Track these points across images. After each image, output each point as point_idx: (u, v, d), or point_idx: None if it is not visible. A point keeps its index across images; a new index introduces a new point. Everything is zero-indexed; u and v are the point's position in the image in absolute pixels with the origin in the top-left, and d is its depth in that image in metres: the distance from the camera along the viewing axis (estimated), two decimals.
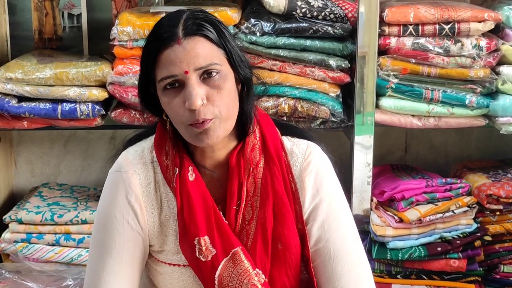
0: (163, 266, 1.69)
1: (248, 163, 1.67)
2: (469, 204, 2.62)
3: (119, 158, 1.71)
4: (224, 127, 1.59)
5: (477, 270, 2.64)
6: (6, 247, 2.67)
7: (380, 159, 2.92)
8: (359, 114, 2.56)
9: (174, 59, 1.54)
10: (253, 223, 1.65)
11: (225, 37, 1.60)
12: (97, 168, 3.12)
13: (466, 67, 2.61)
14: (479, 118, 2.68)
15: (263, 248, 1.64)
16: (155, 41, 1.58)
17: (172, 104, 1.57)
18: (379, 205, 2.63)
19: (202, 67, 1.55)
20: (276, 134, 1.73)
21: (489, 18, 2.59)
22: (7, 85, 2.56)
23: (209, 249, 1.61)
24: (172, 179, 1.65)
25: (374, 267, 2.61)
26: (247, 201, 1.66)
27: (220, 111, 1.56)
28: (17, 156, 3.11)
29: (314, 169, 1.71)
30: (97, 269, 1.64)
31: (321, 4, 2.56)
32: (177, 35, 1.55)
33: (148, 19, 2.54)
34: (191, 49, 1.54)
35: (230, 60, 1.60)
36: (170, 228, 1.67)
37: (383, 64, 2.57)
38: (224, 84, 1.57)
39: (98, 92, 2.58)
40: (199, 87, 1.55)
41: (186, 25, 1.57)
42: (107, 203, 1.67)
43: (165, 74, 1.56)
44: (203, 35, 1.56)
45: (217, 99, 1.56)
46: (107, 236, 1.65)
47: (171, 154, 1.67)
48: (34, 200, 2.81)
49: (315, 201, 1.70)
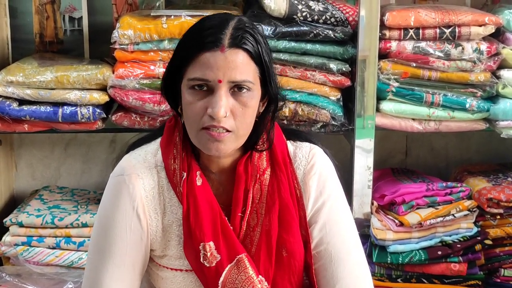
0: (165, 271, 1.68)
1: (256, 170, 1.67)
2: (469, 208, 2.62)
3: (121, 161, 1.69)
4: (236, 142, 1.59)
5: (478, 274, 2.64)
6: (6, 250, 2.67)
7: (380, 163, 2.92)
8: (359, 117, 2.57)
9: (212, 65, 1.53)
10: (257, 230, 1.64)
11: (265, 55, 1.58)
12: (97, 171, 3.12)
13: (466, 71, 2.61)
14: (479, 122, 2.68)
15: (267, 255, 1.63)
16: (197, 39, 1.56)
17: (194, 105, 1.55)
18: (379, 209, 2.63)
19: (236, 81, 1.54)
20: (284, 142, 1.73)
21: (489, 22, 2.59)
22: (8, 88, 2.56)
23: (214, 255, 1.60)
24: (178, 183, 1.63)
25: (375, 270, 2.61)
26: (253, 207, 1.65)
27: (238, 128, 1.56)
28: (17, 159, 3.11)
29: (317, 171, 1.71)
30: (97, 274, 1.63)
31: (322, 8, 2.57)
32: (222, 41, 1.53)
33: (149, 23, 2.54)
34: (232, 60, 1.53)
35: (262, 78, 1.59)
36: (173, 233, 1.66)
37: (384, 68, 2.57)
38: (250, 102, 1.56)
39: (99, 96, 2.58)
40: (226, 99, 1.53)
41: (234, 35, 1.55)
42: (109, 208, 1.65)
43: (198, 76, 1.54)
44: (247, 49, 1.55)
45: (240, 115, 1.55)
46: (108, 241, 1.63)
47: (179, 157, 1.65)
48: (34, 203, 2.81)
49: (318, 203, 1.70)
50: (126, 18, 2.57)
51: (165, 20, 2.54)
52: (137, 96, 2.55)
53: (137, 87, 2.55)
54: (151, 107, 2.55)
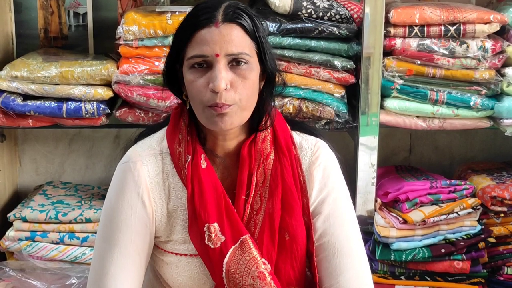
0: (169, 256, 1.70)
1: (259, 153, 1.70)
2: (473, 206, 2.62)
3: (128, 151, 1.73)
4: (241, 115, 1.63)
5: (481, 272, 2.64)
6: (10, 245, 2.68)
7: (384, 160, 2.92)
8: (363, 115, 2.57)
9: (208, 40, 1.59)
10: (261, 213, 1.67)
11: (260, 31, 1.65)
12: (101, 167, 3.13)
13: (471, 68, 2.60)
14: (483, 120, 2.68)
15: (270, 238, 1.66)
16: (193, 20, 1.63)
17: (196, 83, 1.61)
18: (383, 206, 2.63)
19: (233, 53, 1.59)
20: (286, 128, 1.76)
21: (494, 20, 2.58)
22: (13, 83, 2.56)
23: (218, 236, 1.63)
24: (183, 166, 1.67)
25: (378, 268, 2.62)
26: (256, 191, 1.68)
27: (240, 99, 1.60)
28: (21, 155, 3.11)
29: (322, 163, 1.74)
30: (104, 262, 1.65)
31: (327, 5, 2.57)
32: (216, 18, 1.60)
33: (154, 19, 2.54)
34: (227, 34, 1.59)
35: (259, 54, 1.65)
36: (178, 218, 1.68)
37: (388, 65, 2.57)
38: (249, 75, 1.62)
39: (103, 91, 2.58)
40: (226, 72, 1.59)
41: (226, 11, 1.61)
42: (115, 195, 1.68)
43: (196, 53, 1.60)
44: (241, 24, 1.61)
45: (240, 87, 1.60)
46: (114, 229, 1.65)
47: (184, 141, 1.69)
48: (38, 199, 2.81)
49: (322, 194, 1.73)
50: (130, 13, 2.58)
51: (170, 16, 2.54)
52: (141, 92, 2.56)
53: (142, 83, 2.55)
54: (155, 103, 2.56)
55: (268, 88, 1.71)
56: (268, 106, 1.71)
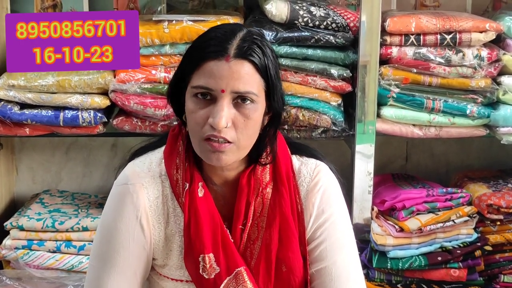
0: (165, 281, 1.68)
1: (258, 183, 1.65)
2: (469, 214, 2.62)
3: (125, 169, 1.68)
4: (238, 154, 1.57)
5: (477, 280, 2.64)
6: (7, 253, 2.67)
7: (381, 168, 2.92)
8: (360, 123, 2.57)
9: (215, 74, 1.51)
10: (257, 243, 1.63)
11: (271, 68, 1.56)
12: (98, 175, 3.12)
13: (467, 77, 2.61)
14: (480, 128, 2.68)
15: (266, 269, 1.62)
16: (203, 49, 1.54)
17: (196, 114, 1.54)
18: (379, 214, 2.63)
19: (239, 92, 1.52)
20: (287, 155, 1.70)
21: (490, 28, 2.59)
22: (10, 92, 2.57)
23: (213, 267, 1.60)
24: (181, 193, 1.62)
25: (375, 276, 2.62)
26: (254, 220, 1.64)
27: (239, 139, 1.54)
28: (18, 163, 3.11)
29: (321, 188, 1.69)
30: (99, 281, 1.62)
31: (323, 14, 2.57)
32: (227, 51, 1.52)
33: (151, 27, 2.54)
34: (236, 71, 1.51)
35: (267, 92, 1.57)
36: (175, 243, 1.65)
37: (385, 74, 2.58)
38: (253, 115, 1.54)
39: (100, 100, 2.58)
40: (228, 109, 1.52)
41: (240, 46, 1.53)
42: (112, 216, 1.64)
43: (201, 84, 1.52)
44: (252, 61, 1.53)
45: (242, 127, 1.53)
46: (111, 249, 1.62)
47: (182, 167, 1.63)
48: (35, 207, 2.81)
49: (319, 220, 1.68)
50: None
51: (167, 24, 2.54)
52: (138, 100, 2.56)
53: (138, 91, 2.55)
54: (152, 111, 2.56)
55: (273, 125, 1.63)
56: (271, 141, 1.65)
